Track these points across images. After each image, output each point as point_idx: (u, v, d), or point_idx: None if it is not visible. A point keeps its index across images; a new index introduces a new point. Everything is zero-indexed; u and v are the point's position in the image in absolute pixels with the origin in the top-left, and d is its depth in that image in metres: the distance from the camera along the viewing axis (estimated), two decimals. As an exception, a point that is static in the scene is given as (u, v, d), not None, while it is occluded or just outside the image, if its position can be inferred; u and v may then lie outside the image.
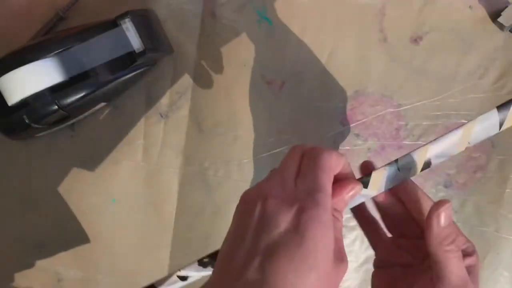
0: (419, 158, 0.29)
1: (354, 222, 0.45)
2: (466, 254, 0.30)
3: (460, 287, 0.28)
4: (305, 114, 0.45)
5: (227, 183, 0.45)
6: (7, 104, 0.36)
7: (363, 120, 0.45)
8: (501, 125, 0.29)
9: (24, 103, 0.36)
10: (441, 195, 0.45)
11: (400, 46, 0.45)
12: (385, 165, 0.30)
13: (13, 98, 0.36)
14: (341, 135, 0.45)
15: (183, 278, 0.35)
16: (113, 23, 0.37)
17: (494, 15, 0.44)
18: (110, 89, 0.39)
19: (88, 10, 0.45)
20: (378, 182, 0.30)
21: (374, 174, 0.30)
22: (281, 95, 0.45)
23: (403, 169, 0.30)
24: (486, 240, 0.45)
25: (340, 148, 0.45)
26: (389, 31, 0.45)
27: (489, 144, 0.45)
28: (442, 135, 0.30)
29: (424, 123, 0.45)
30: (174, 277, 0.35)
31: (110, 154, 0.45)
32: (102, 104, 0.42)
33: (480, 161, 0.45)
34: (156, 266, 0.46)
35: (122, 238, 0.46)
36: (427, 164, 0.30)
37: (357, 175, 0.31)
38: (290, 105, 0.45)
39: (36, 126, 0.37)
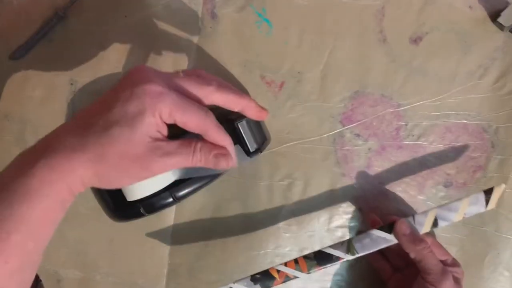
0: (429, 218, 0.38)
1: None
2: (447, 264, 0.40)
3: (440, 272, 0.37)
4: (305, 114, 0.45)
5: (227, 182, 0.45)
6: (125, 198, 0.37)
7: (363, 120, 0.45)
8: (487, 203, 0.37)
9: (143, 198, 0.37)
10: (441, 195, 0.45)
11: (400, 46, 0.45)
12: (404, 218, 0.38)
13: (133, 197, 0.37)
14: (341, 135, 0.45)
15: None
16: (231, 124, 0.37)
17: (494, 15, 0.44)
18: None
19: (87, 10, 0.45)
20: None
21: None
22: (281, 95, 0.45)
23: (418, 224, 0.38)
24: (486, 240, 0.45)
25: (340, 148, 0.45)
26: (389, 31, 0.45)
27: (489, 144, 0.45)
28: (447, 203, 0.38)
29: (424, 123, 0.45)
30: None
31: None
32: None
33: (479, 161, 0.45)
34: (156, 266, 0.46)
35: (122, 238, 0.46)
36: (435, 224, 0.38)
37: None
38: (289, 105, 0.45)
39: (149, 215, 0.38)
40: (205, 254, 0.46)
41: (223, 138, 0.31)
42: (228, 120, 0.37)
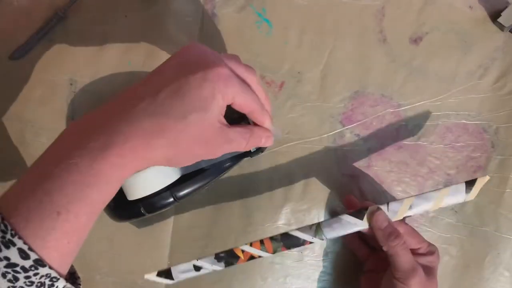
0: (403, 207, 0.37)
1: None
2: (421, 254, 0.39)
3: (409, 270, 0.36)
4: (305, 114, 0.45)
5: (227, 182, 0.45)
6: (126, 198, 0.37)
7: (363, 120, 0.45)
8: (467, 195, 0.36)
9: (143, 197, 0.37)
10: (441, 195, 0.45)
11: (400, 46, 0.45)
12: (380, 205, 0.37)
13: (134, 196, 0.36)
14: (341, 135, 0.45)
15: (197, 268, 0.38)
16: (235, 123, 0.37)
17: (494, 15, 0.44)
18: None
19: (87, 10, 0.45)
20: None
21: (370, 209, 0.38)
22: (281, 95, 0.45)
23: (391, 211, 0.37)
24: (486, 240, 0.45)
25: (340, 148, 0.45)
26: (389, 31, 0.45)
27: (489, 144, 0.45)
28: (426, 192, 0.37)
29: (424, 123, 0.45)
30: (190, 265, 0.38)
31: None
32: None
33: (479, 161, 0.45)
34: (155, 266, 0.46)
35: (122, 238, 0.46)
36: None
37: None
38: (289, 105, 0.45)
39: (150, 215, 0.38)
40: (205, 254, 0.46)
41: (266, 119, 0.33)
42: (231, 119, 0.37)
